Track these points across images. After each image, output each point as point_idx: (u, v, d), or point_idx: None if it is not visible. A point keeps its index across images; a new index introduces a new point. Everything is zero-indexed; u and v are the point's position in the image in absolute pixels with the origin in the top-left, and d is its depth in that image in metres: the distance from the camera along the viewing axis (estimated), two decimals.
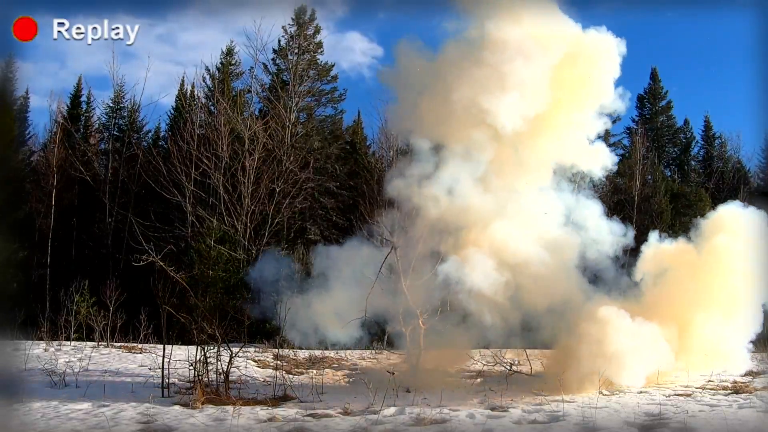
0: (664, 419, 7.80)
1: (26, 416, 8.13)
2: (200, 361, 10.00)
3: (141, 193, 25.61)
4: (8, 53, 24.47)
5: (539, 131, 11.60)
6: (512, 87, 11.01)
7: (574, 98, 11.77)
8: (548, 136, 11.77)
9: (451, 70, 11.55)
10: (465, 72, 11.29)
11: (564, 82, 11.51)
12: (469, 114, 11.19)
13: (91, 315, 15.83)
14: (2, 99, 23.55)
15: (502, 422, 8.04)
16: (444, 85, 11.53)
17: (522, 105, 11.11)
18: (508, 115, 11.06)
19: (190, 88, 28.43)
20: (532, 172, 11.92)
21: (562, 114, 11.76)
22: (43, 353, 13.21)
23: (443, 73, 11.70)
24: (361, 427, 7.72)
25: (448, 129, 11.57)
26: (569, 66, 11.55)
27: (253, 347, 16.41)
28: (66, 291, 16.43)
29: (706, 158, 34.87)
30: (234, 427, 7.66)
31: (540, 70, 11.13)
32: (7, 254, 18.41)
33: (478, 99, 11.06)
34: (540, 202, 12.07)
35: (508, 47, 11.12)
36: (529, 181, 11.98)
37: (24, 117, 29.54)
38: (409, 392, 10.38)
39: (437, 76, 11.78)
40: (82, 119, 29.56)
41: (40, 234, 24.85)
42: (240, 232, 22.91)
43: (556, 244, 11.63)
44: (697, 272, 11.91)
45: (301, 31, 29.29)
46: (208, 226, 21.80)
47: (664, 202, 27.63)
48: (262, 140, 24.26)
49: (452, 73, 11.49)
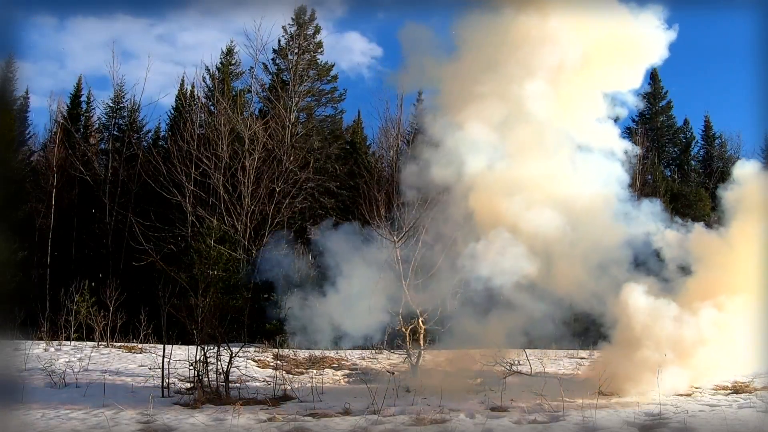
0: (664, 419, 7.80)
1: (26, 416, 8.13)
2: (200, 361, 10.00)
3: (141, 193, 25.60)
4: (8, 53, 24.51)
5: (562, 111, 11.25)
6: (536, 76, 10.76)
7: (605, 78, 11.44)
8: (570, 116, 11.39)
9: (472, 64, 11.30)
10: (487, 64, 11.04)
11: (592, 66, 11.19)
12: (494, 95, 10.90)
13: (91, 315, 15.83)
14: (2, 99, 23.53)
15: (502, 422, 8.04)
16: (464, 80, 11.28)
17: (546, 90, 10.85)
18: (532, 100, 10.75)
19: (190, 88, 28.46)
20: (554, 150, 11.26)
21: (585, 95, 11.43)
22: (43, 353, 13.20)
23: (462, 67, 11.44)
24: (361, 427, 7.72)
25: (471, 110, 11.18)
26: (606, 46, 11.22)
27: (253, 347, 16.41)
28: (66, 291, 16.43)
29: (706, 158, 34.88)
30: (234, 427, 7.66)
31: (568, 56, 10.87)
32: (7, 254, 18.40)
33: (502, 88, 10.82)
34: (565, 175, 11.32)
35: (531, 38, 10.91)
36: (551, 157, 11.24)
37: (24, 117, 29.58)
38: (409, 392, 10.38)
39: (456, 71, 11.53)
40: (82, 119, 29.57)
41: (40, 234, 24.85)
42: (240, 232, 22.90)
43: (589, 214, 10.78)
44: (726, 259, 10.94)
45: (301, 31, 29.29)
46: (208, 226, 21.79)
47: (664, 202, 27.61)
48: (262, 140, 24.26)
49: (472, 67, 11.22)
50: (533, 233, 10.40)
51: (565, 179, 11.15)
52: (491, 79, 11.00)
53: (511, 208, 10.62)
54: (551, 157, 11.11)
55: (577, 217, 10.65)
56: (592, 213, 10.88)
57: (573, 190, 11.05)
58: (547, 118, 11.08)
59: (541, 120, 11.03)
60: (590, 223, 10.72)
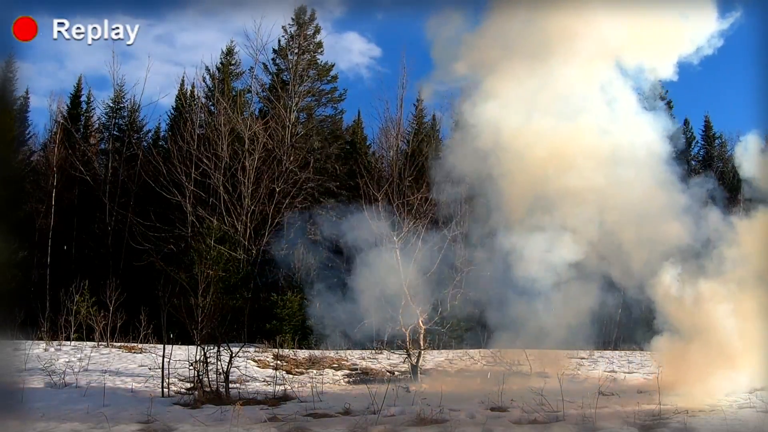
0: (663, 419, 7.79)
1: (26, 416, 8.12)
2: (200, 361, 10.00)
3: (141, 194, 25.60)
4: (8, 53, 24.48)
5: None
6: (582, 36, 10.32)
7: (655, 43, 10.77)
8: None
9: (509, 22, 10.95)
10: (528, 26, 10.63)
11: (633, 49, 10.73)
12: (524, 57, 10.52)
13: (91, 315, 15.83)
14: (2, 99, 23.53)
15: (502, 422, 8.03)
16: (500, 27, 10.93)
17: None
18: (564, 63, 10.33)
19: (190, 88, 28.46)
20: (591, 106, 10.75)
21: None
22: (43, 353, 13.21)
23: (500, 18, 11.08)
24: (361, 427, 7.72)
25: (500, 73, 10.84)
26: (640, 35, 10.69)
27: (253, 347, 16.42)
28: (66, 291, 16.43)
29: (706, 158, 34.87)
30: (234, 427, 7.66)
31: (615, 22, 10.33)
32: (7, 254, 18.39)
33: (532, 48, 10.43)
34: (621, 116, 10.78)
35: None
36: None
37: (24, 117, 29.52)
38: (409, 392, 10.38)
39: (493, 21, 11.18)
40: (82, 119, 29.55)
41: (40, 234, 24.84)
42: (240, 232, 22.91)
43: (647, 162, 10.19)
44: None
45: (301, 31, 29.28)
46: (208, 226, 21.79)
47: None
48: (262, 140, 24.27)
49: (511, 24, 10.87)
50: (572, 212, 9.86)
51: (603, 133, 10.54)
52: (522, 42, 10.58)
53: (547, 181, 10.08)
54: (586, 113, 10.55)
55: (617, 179, 9.93)
56: (636, 169, 10.15)
57: (613, 141, 10.40)
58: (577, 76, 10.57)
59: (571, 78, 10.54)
60: (633, 183, 9.95)
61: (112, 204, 25.39)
